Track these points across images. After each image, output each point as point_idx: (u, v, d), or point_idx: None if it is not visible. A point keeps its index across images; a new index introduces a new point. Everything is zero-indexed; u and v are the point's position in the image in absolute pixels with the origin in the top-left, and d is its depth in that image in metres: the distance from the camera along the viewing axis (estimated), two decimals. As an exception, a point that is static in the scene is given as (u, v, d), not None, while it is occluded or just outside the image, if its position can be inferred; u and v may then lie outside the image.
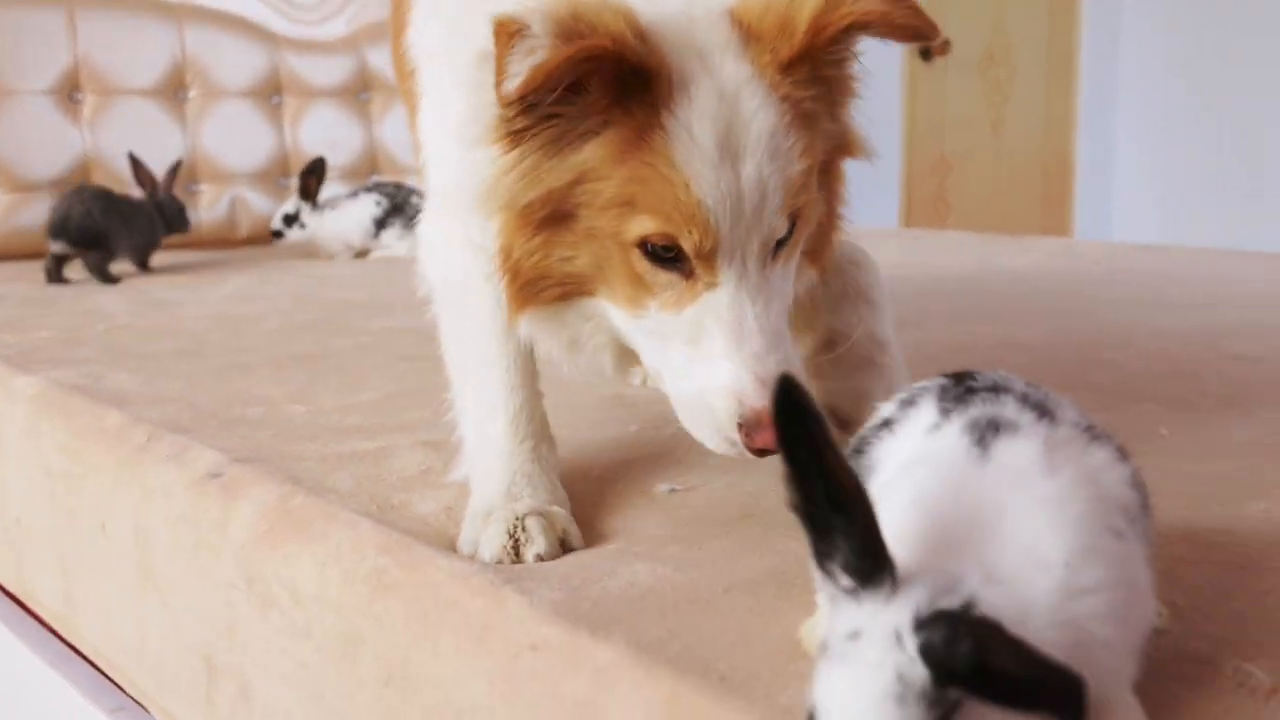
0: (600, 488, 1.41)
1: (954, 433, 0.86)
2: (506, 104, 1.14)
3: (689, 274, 1.18)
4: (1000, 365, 1.88)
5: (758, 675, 0.92)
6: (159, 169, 3.42)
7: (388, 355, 2.19)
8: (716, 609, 1.04)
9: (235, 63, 4.09)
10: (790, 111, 1.19)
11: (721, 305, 1.17)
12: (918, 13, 1.20)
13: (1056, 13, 6.99)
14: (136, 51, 3.92)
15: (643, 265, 1.19)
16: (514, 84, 1.10)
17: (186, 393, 1.89)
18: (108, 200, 3.29)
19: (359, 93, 4.35)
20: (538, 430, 1.37)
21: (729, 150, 1.15)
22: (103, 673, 1.77)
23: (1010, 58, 6.84)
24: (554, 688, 0.99)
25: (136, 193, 3.41)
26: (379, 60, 4.38)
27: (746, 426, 1.15)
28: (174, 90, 4.00)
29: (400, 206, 3.74)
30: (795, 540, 1.14)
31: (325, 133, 4.22)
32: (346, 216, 3.77)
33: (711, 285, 1.18)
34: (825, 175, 1.30)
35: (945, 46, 6.40)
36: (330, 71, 4.28)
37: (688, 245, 1.16)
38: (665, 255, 1.18)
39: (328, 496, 1.37)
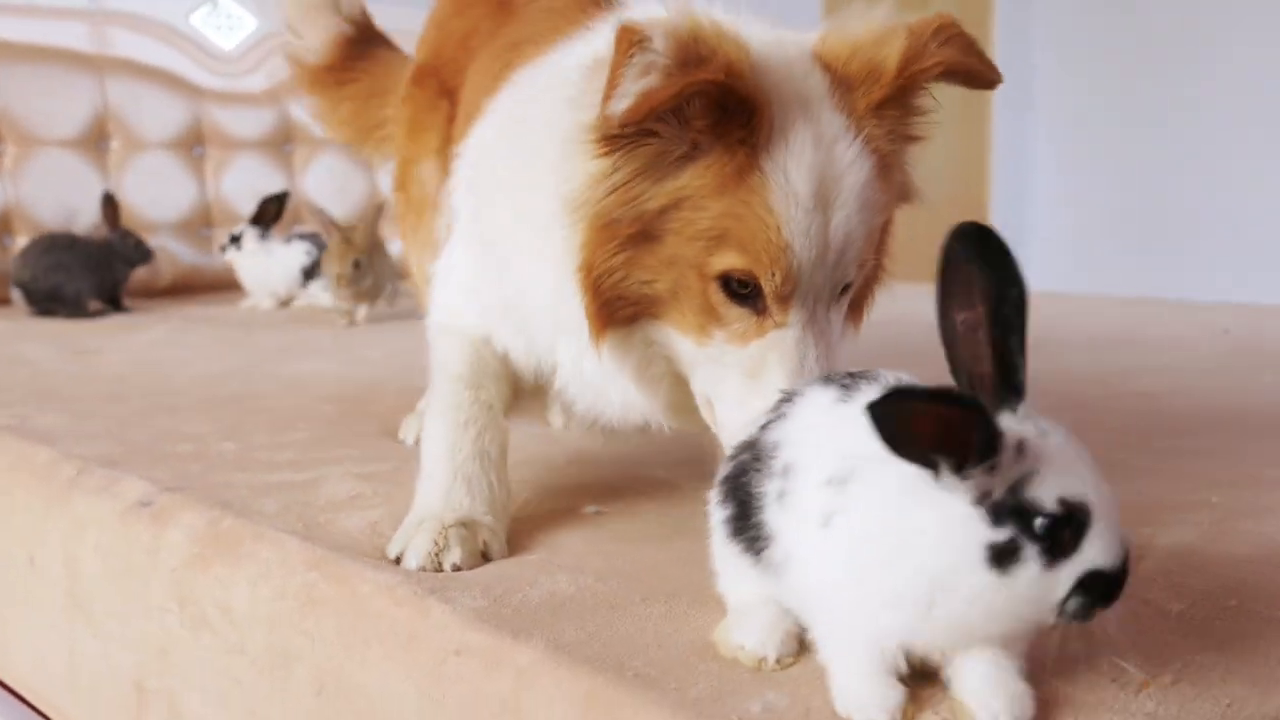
0: (528, 509, 1.45)
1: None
2: (611, 124, 1.14)
3: (761, 311, 1.20)
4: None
5: (670, 672, 0.97)
6: (80, 219, 3.47)
7: (315, 398, 2.21)
8: (633, 615, 1.10)
9: (157, 114, 4.11)
10: (878, 163, 1.22)
11: (788, 344, 1.20)
12: (990, 63, 1.27)
13: (968, 66, 7.13)
14: (58, 102, 3.93)
15: (718, 298, 1.20)
16: (622, 105, 1.11)
17: (114, 431, 1.91)
18: (56, 253, 3.41)
19: (282, 144, 4.38)
20: (489, 437, 1.41)
21: (822, 199, 1.17)
22: (31, 706, 1.78)
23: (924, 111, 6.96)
24: (478, 690, 1.04)
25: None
26: (302, 112, 4.41)
27: None
28: (96, 141, 4.01)
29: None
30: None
31: (248, 184, 4.24)
32: (276, 263, 3.81)
33: (781, 325, 1.20)
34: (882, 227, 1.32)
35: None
36: (253, 123, 4.31)
37: (768, 286, 1.18)
38: (742, 291, 1.19)
39: (256, 519, 1.40)
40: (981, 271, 0.87)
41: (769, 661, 0.96)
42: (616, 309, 1.25)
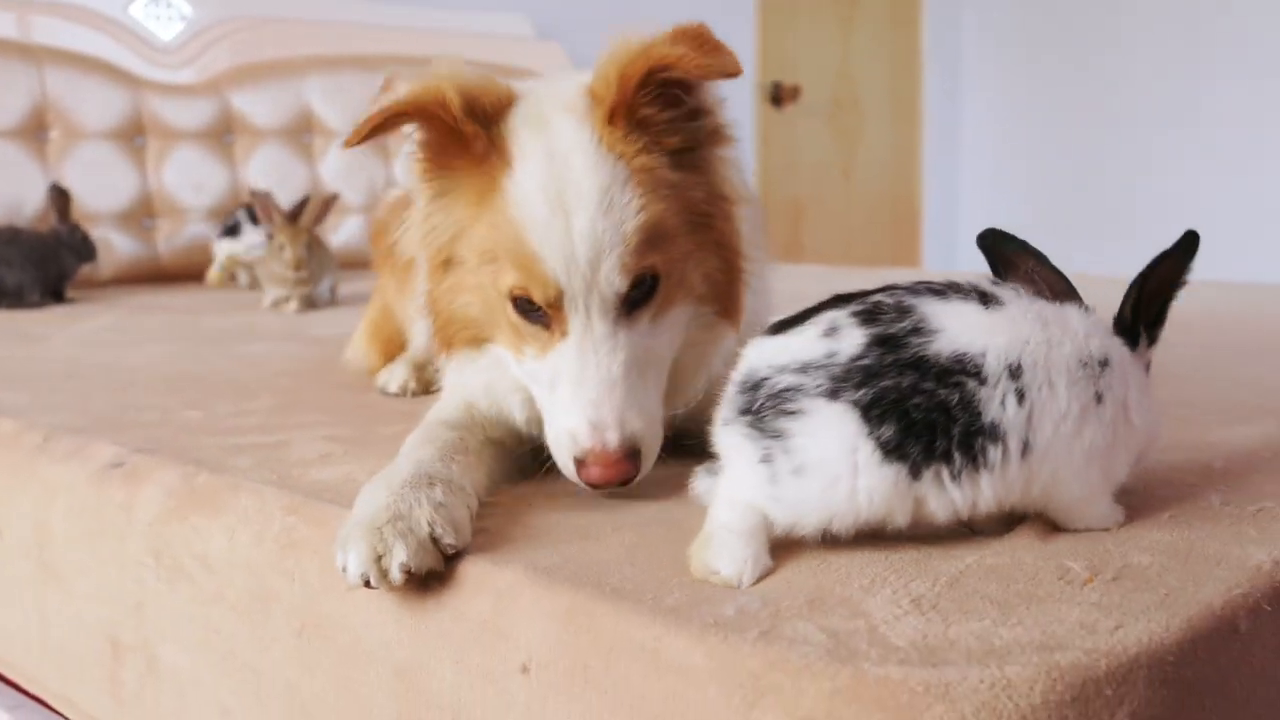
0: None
1: None
2: (344, 147, 1.37)
3: (548, 325, 1.29)
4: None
5: (646, 586, 1.02)
6: (19, 210, 3.47)
7: (273, 373, 2.24)
8: (606, 542, 1.15)
9: (97, 104, 4.10)
10: (625, 168, 1.28)
11: (569, 354, 1.28)
12: (718, 51, 1.28)
13: (900, 60, 7.24)
14: (-3, 92, 3.93)
15: (515, 316, 1.30)
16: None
17: (77, 404, 1.93)
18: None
19: (223, 135, 4.39)
20: (459, 460, 1.32)
21: (560, 206, 1.25)
22: (4, 679, 1.81)
23: (858, 104, 7.06)
24: (460, 612, 1.09)
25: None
26: (242, 103, 4.42)
27: (578, 463, 1.26)
28: (35, 131, 3.99)
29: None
30: (680, 498, 1.26)
31: (189, 174, 4.24)
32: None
33: (563, 336, 1.28)
34: (709, 229, 1.36)
35: (795, 94, 6.59)
36: (193, 114, 4.31)
37: (537, 296, 1.27)
38: (531, 308, 1.29)
39: (231, 473, 1.44)
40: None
41: (743, 585, 1.02)
42: (454, 331, 1.38)
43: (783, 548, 1.09)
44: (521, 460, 1.43)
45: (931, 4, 7.31)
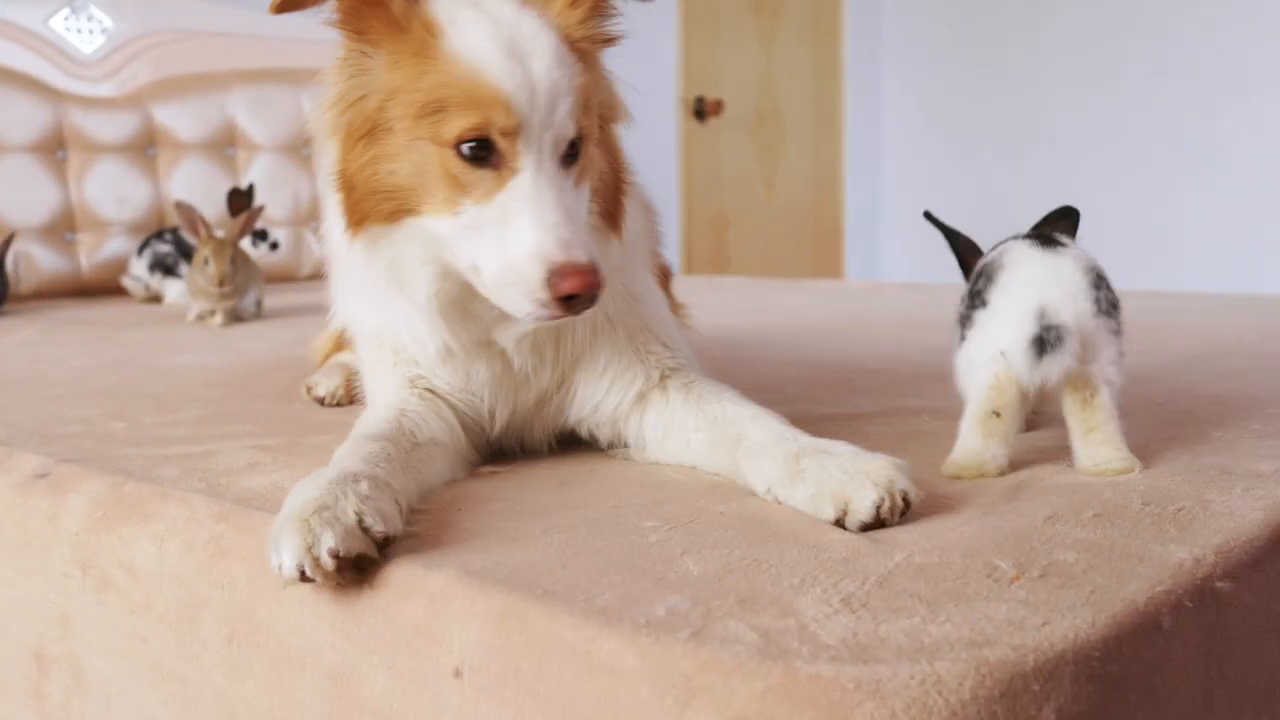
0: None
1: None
2: (271, 11, 1.43)
3: (497, 165, 1.33)
4: (777, 379, 2.05)
5: (577, 587, 1.03)
6: None
7: (197, 385, 2.22)
8: (536, 544, 1.16)
9: (18, 118, 4.05)
10: (566, 42, 1.38)
11: (525, 186, 1.32)
12: None
13: (821, 74, 7.31)
14: (-87, 107, 3.88)
15: (458, 166, 1.33)
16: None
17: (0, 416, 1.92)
18: None
19: (145, 148, 4.35)
20: (377, 445, 1.35)
21: (516, 54, 1.33)
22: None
23: (780, 118, 7.11)
24: (391, 616, 1.09)
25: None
26: (165, 116, 4.39)
27: (553, 278, 1.28)
28: (-47, 146, 3.96)
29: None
30: (607, 498, 1.27)
31: (112, 188, 4.21)
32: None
33: (515, 172, 1.32)
34: (604, 138, 1.46)
35: (718, 108, 6.63)
36: (115, 127, 4.27)
37: (496, 129, 1.31)
38: (479, 154, 1.32)
39: (158, 482, 1.43)
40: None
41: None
42: (372, 205, 1.39)
43: (713, 545, 1.11)
44: (453, 460, 1.45)
45: (851, 19, 7.39)
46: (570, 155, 1.36)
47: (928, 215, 1.77)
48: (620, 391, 1.52)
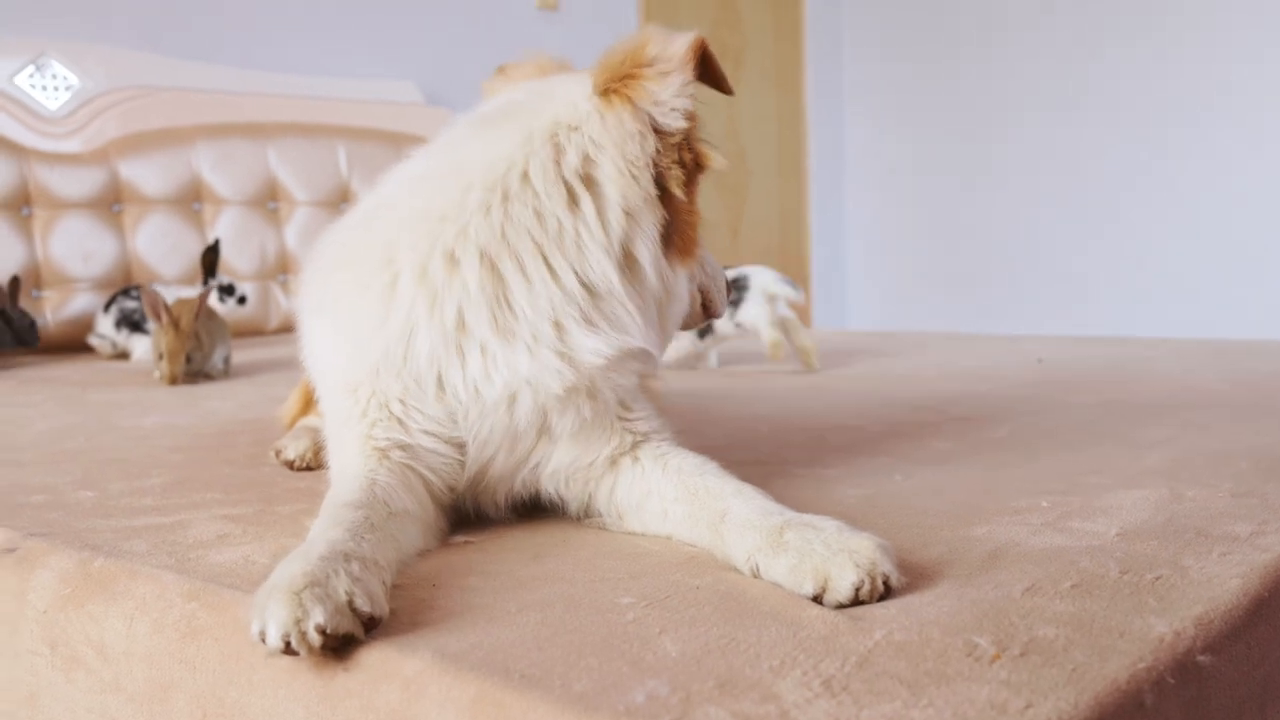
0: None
1: None
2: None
3: None
4: (746, 435, 2.05)
5: (554, 671, 1.02)
6: None
7: (164, 448, 2.20)
8: (511, 623, 1.14)
9: (-19, 175, 4.04)
10: None
11: None
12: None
13: (785, 120, 7.35)
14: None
15: None
16: None
17: (-37, 487, 1.89)
18: None
19: (111, 204, 4.33)
20: (375, 514, 1.34)
21: None
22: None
23: (744, 163, 7.14)
24: (368, 702, 1.07)
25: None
26: (130, 172, 4.37)
27: None
28: (-83, 203, 3.93)
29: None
30: (583, 572, 1.27)
31: (78, 244, 4.18)
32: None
33: None
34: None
35: (683, 154, 6.64)
36: (81, 183, 4.25)
37: None
38: None
39: (127, 557, 1.41)
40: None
41: None
42: None
43: (690, 623, 1.10)
44: (424, 531, 1.43)
45: (813, 65, 7.45)
46: None
47: None
48: (593, 452, 1.51)
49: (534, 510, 1.57)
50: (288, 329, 4.66)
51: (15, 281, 3.75)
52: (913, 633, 1.05)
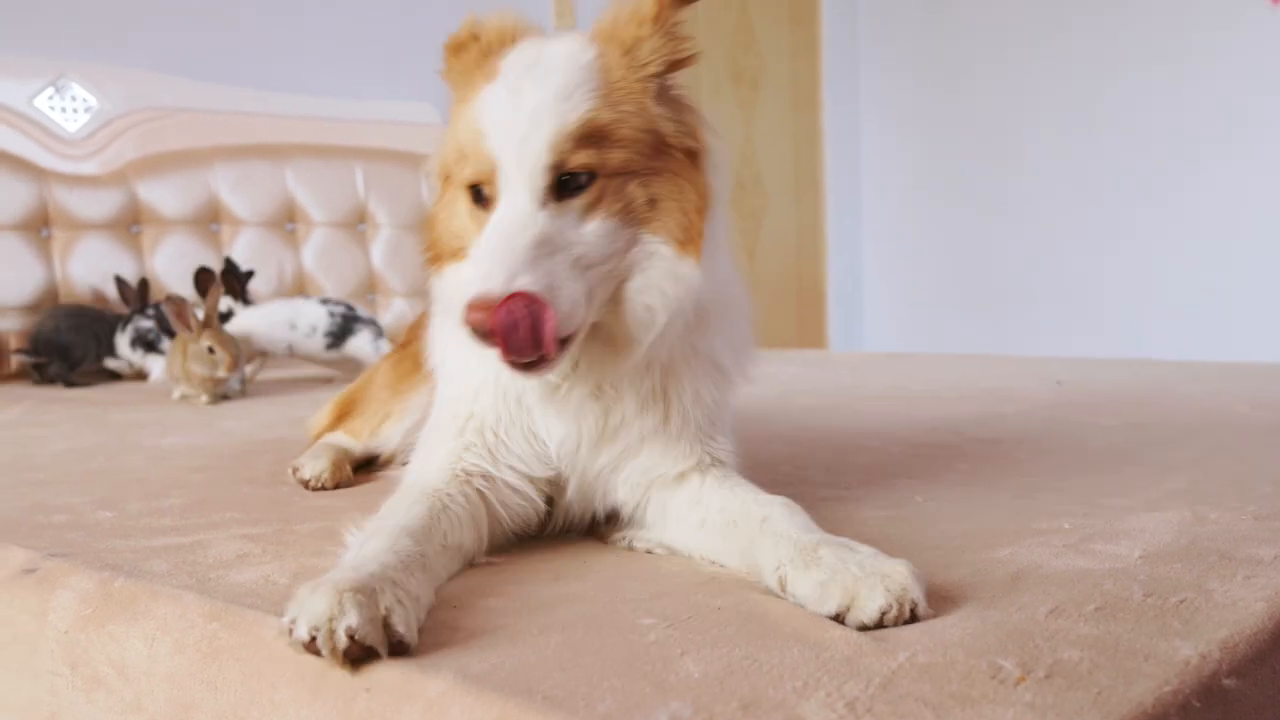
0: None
1: None
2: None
3: (487, 205, 1.40)
4: (766, 456, 2.04)
5: (576, 692, 1.01)
6: None
7: (183, 468, 2.21)
8: (533, 644, 1.14)
9: (2, 196, 4.05)
10: (598, 74, 1.41)
11: (491, 224, 1.38)
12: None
13: (801, 142, 7.35)
14: (-103, 186, 3.87)
15: (472, 208, 1.43)
16: None
17: (-17, 507, 1.89)
18: (77, 317, 3.90)
19: (129, 225, 4.35)
20: (413, 545, 1.33)
21: (518, 90, 1.39)
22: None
23: (761, 186, 7.14)
24: (390, 723, 1.07)
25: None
26: (149, 194, 4.39)
27: (463, 313, 1.31)
28: (-62, 224, 3.96)
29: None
30: (604, 593, 1.26)
31: (97, 265, 4.20)
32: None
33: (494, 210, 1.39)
34: (670, 159, 1.44)
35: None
36: (100, 205, 4.27)
37: (482, 171, 1.39)
38: (479, 197, 1.42)
39: (148, 578, 1.41)
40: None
41: None
42: (442, 246, 1.52)
43: (712, 644, 1.09)
44: (464, 562, 1.43)
45: (830, 87, 7.45)
46: (569, 187, 1.38)
47: None
48: (676, 464, 1.52)
49: (564, 532, 1.58)
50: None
51: (144, 284, 3.97)
52: (937, 655, 1.04)
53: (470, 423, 1.53)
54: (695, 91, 1.54)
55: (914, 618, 1.15)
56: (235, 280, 3.92)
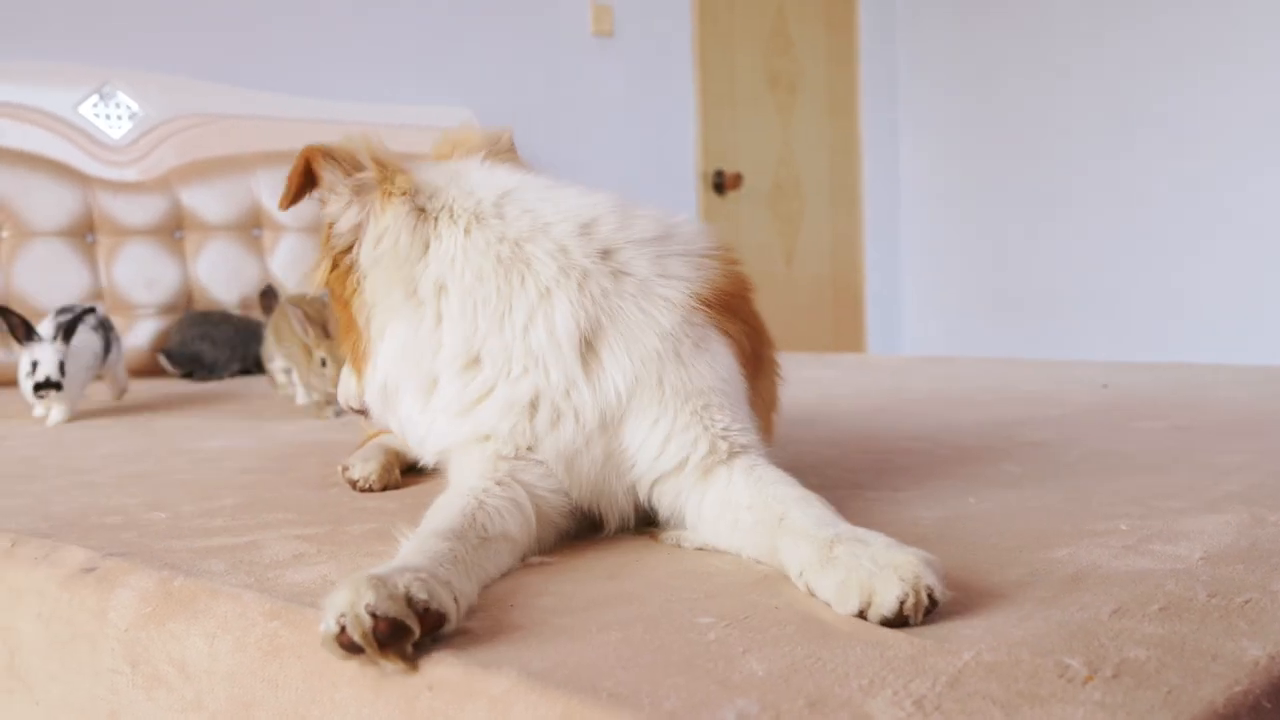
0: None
1: None
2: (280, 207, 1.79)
3: None
4: (813, 458, 2.04)
5: (641, 689, 1.01)
6: None
7: (232, 470, 2.22)
8: (593, 642, 1.14)
9: (47, 203, 4.09)
10: None
11: None
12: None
13: (839, 147, 7.35)
14: (-55, 193, 3.91)
15: None
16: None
17: (36, 507, 1.90)
18: (204, 324, 4.13)
19: (173, 231, 4.38)
20: (442, 544, 1.33)
21: None
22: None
23: (799, 190, 7.14)
24: (452, 720, 1.07)
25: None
26: (192, 199, 4.42)
27: None
28: (-15, 230, 3.99)
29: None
30: (658, 592, 1.27)
31: (140, 271, 4.24)
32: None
33: None
34: None
35: (737, 181, 6.66)
36: (144, 211, 4.31)
37: None
38: None
39: (207, 576, 1.42)
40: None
41: None
42: None
43: (774, 642, 1.09)
44: (516, 554, 1.44)
45: (868, 92, 7.45)
46: None
47: None
48: (680, 450, 1.51)
49: (602, 529, 1.58)
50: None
51: (270, 291, 3.93)
52: (1001, 653, 1.04)
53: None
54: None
55: (933, 603, 1.14)
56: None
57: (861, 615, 1.15)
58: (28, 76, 4.26)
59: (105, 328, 3.24)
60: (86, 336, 3.11)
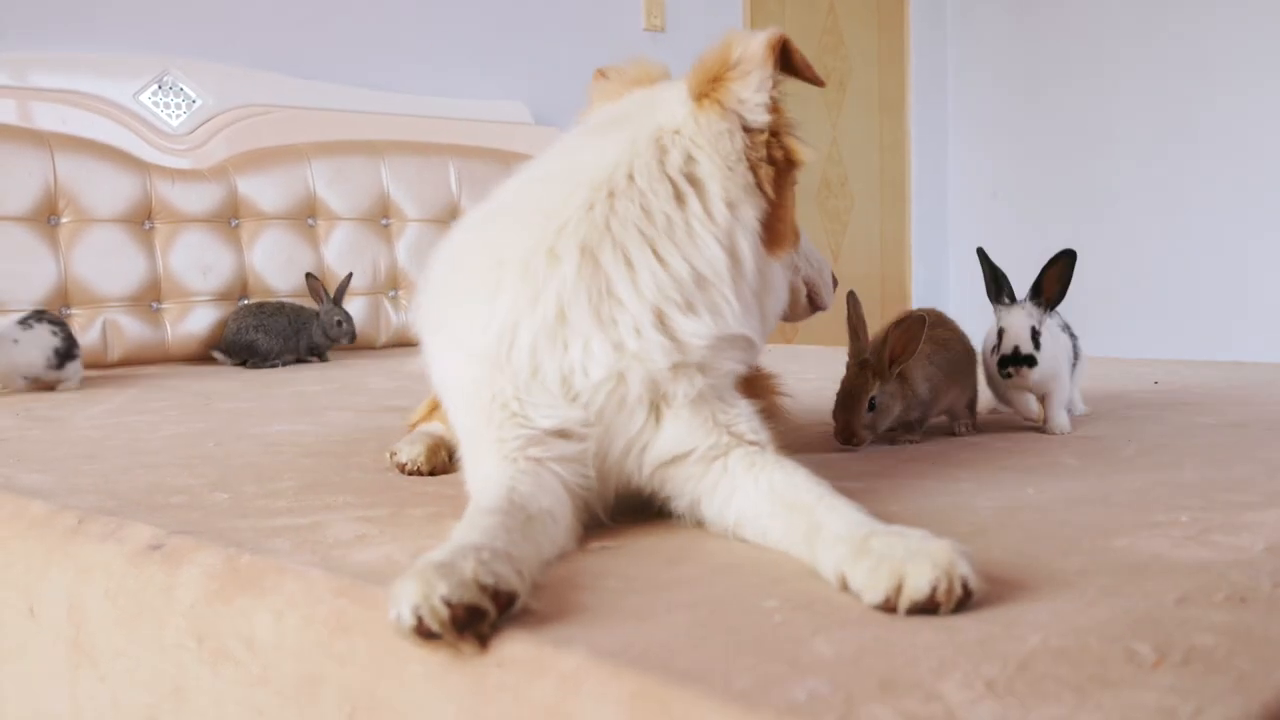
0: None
1: None
2: None
3: None
4: (870, 449, 2.04)
5: (713, 669, 1.02)
6: (30, 295, 3.60)
7: (293, 454, 2.24)
8: (661, 623, 1.15)
9: (107, 189, 4.13)
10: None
11: None
12: None
13: (887, 145, 7.33)
14: (8, 178, 3.95)
15: None
16: None
17: (102, 486, 1.92)
18: (259, 314, 4.18)
19: (229, 219, 4.42)
20: (492, 518, 1.34)
21: None
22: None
23: (847, 187, 7.13)
24: (521, 697, 1.08)
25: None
26: (248, 188, 4.46)
27: None
28: (46, 216, 4.03)
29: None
30: (721, 577, 1.27)
31: (197, 257, 4.28)
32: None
33: None
34: None
35: (786, 176, 6.66)
36: (201, 198, 4.35)
37: None
38: None
39: (273, 554, 1.44)
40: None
41: None
42: None
43: (840, 625, 1.10)
44: (565, 531, 1.45)
45: (917, 90, 7.43)
46: None
47: (980, 252, 2.57)
48: (694, 440, 1.51)
49: (662, 517, 1.58)
50: (397, 343, 4.73)
51: (313, 280, 4.31)
52: (1069, 639, 1.04)
53: (494, 403, 1.52)
54: (782, 94, 1.57)
55: (967, 595, 1.14)
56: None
57: (888, 604, 1.15)
58: (91, 66, 4.31)
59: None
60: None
